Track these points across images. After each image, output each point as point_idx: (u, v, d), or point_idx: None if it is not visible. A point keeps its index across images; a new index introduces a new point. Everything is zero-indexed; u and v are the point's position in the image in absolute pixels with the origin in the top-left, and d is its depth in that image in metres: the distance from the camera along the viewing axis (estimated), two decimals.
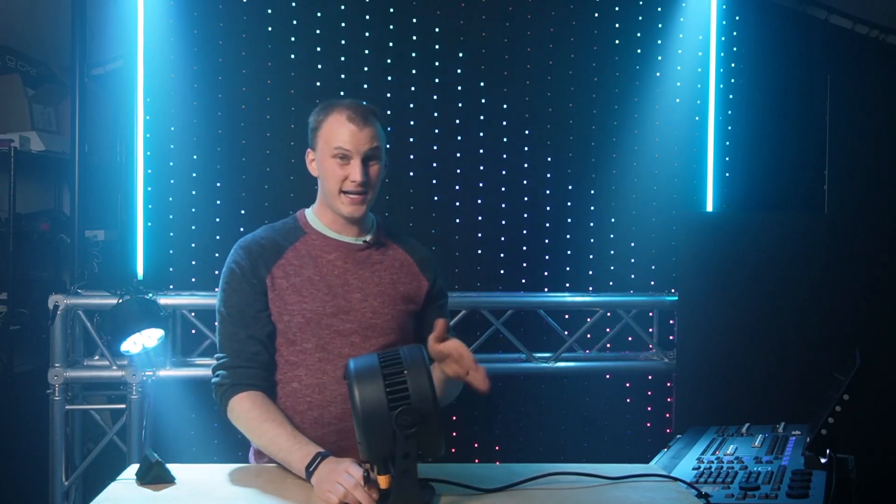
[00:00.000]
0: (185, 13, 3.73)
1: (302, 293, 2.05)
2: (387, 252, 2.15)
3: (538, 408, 3.98)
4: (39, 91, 3.89)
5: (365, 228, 2.13)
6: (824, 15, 4.15)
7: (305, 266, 2.07)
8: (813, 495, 1.93)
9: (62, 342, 3.43)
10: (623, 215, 4.01)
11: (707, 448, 2.49)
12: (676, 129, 4.00)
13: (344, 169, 2.03)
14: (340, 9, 3.84)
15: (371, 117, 2.05)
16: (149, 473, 1.83)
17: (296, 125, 3.80)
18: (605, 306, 3.76)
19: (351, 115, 2.03)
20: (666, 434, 3.54)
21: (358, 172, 2.01)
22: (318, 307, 2.04)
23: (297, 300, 2.04)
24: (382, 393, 1.62)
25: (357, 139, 2.02)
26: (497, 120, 3.91)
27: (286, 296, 2.05)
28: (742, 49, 4.01)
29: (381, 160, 2.07)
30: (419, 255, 2.19)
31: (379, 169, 2.06)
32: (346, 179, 2.03)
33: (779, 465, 2.18)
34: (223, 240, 3.78)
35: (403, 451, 1.62)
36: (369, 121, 2.04)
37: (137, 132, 3.69)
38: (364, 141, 2.02)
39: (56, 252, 3.92)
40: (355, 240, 2.11)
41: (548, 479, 1.84)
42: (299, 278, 2.06)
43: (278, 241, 2.09)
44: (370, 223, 2.15)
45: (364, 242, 2.11)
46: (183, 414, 3.72)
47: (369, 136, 2.03)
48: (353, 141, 2.02)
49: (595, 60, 3.98)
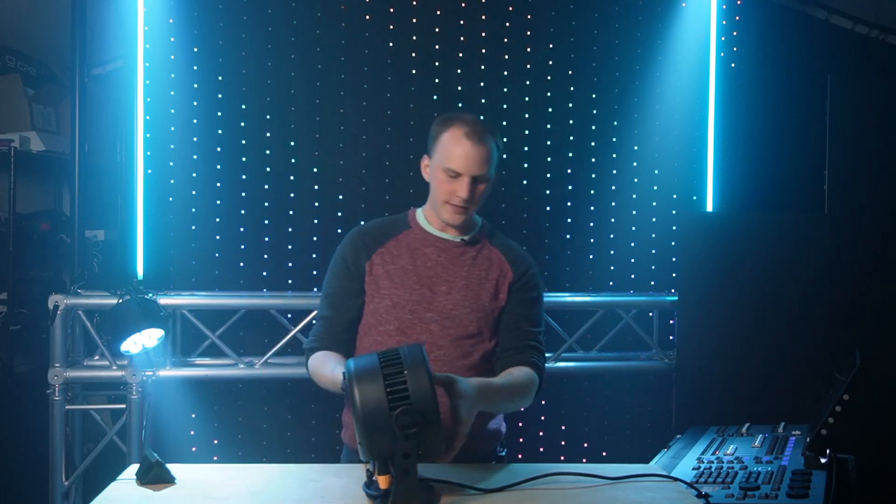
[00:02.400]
0: (185, 13, 3.73)
1: (394, 279, 2.21)
2: (482, 251, 2.28)
3: (538, 408, 3.98)
4: (39, 91, 3.89)
5: (467, 230, 2.27)
6: (824, 15, 4.16)
7: (402, 256, 2.24)
8: (813, 495, 1.93)
9: (62, 342, 3.43)
10: (623, 215, 4.01)
11: (707, 448, 2.49)
12: (676, 129, 4.01)
13: (452, 184, 2.16)
14: (340, 9, 3.85)
15: (487, 136, 2.16)
16: (149, 473, 1.83)
17: (295, 125, 3.80)
18: (605, 306, 3.76)
19: (468, 132, 2.15)
20: (666, 434, 3.53)
21: (465, 190, 2.15)
22: (405, 293, 2.20)
23: (389, 285, 2.21)
24: (382, 393, 1.62)
25: (469, 161, 2.14)
26: (497, 120, 3.91)
27: (380, 280, 2.22)
28: (742, 49, 4.01)
29: (489, 180, 2.19)
30: (512, 254, 2.30)
31: (486, 187, 2.19)
32: (454, 194, 2.16)
33: (779, 465, 2.18)
34: (223, 240, 3.79)
35: (403, 451, 1.62)
36: (485, 140, 2.15)
37: (137, 132, 3.69)
38: (475, 163, 2.14)
39: (56, 252, 3.92)
40: (453, 237, 2.26)
41: (548, 479, 1.84)
42: (395, 266, 2.23)
43: (385, 231, 2.29)
44: (474, 225, 2.30)
45: (462, 241, 2.26)
46: (183, 414, 3.73)
47: (482, 158, 2.14)
48: (466, 163, 2.14)
49: (595, 60, 3.99)
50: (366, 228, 2.31)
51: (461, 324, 2.19)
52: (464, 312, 2.19)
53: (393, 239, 2.27)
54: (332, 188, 3.81)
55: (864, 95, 3.54)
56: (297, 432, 3.82)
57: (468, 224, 2.26)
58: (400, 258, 2.24)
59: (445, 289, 2.21)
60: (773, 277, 3.50)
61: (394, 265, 2.23)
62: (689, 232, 3.59)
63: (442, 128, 2.19)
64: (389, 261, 2.24)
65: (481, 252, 2.27)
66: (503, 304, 2.24)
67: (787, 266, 3.50)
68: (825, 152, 3.51)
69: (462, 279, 2.22)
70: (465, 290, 2.21)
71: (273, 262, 3.80)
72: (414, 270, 2.22)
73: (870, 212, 3.49)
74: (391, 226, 2.31)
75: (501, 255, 2.28)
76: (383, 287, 2.21)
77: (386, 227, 2.30)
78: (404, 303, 2.19)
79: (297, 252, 3.81)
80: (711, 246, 3.55)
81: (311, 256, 3.81)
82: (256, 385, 3.77)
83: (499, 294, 2.24)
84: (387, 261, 2.24)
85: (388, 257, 2.24)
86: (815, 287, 3.48)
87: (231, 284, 3.77)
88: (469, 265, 2.24)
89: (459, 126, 2.16)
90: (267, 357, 3.57)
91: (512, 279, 2.25)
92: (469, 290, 2.21)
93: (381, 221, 2.34)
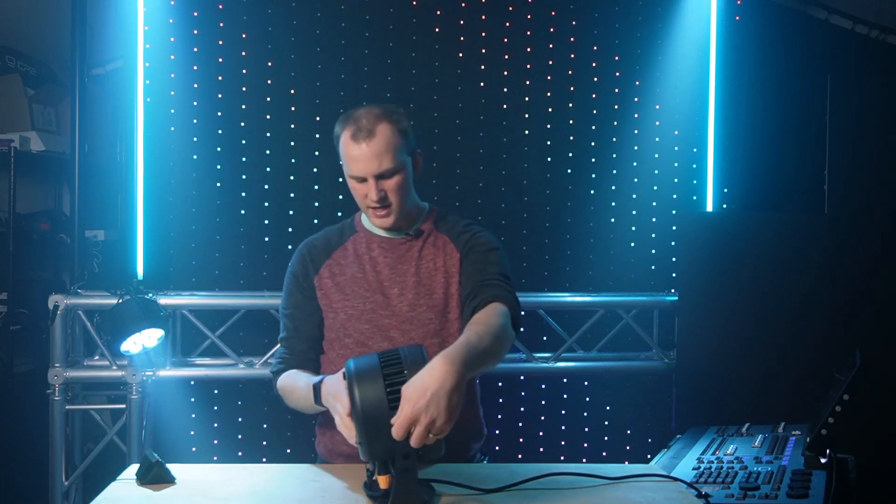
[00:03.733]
0: (185, 13, 3.73)
1: (345, 291, 2.13)
2: (429, 240, 2.16)
3: (538, 408, 3.98)
4: (39, 91, 3.89)
5: (410, 223, 2.16)
6: (824, 15, 4.15)
7: (350, 265, 2.15)
8: (813, 495, 1.93)
9: (62, 342, 3.43)
10: (623, 215, 4.00)
11: (707, 448, 2.49)
12: (676, 129, 4.00)
13: (362, 188, 2.07)
14: (340, 9, 3.84)
15: (378, 127, 2.03)
16: (149, 473, 1.83)
17: (296, 125, 3.80)
18: (605, 306, 3.76)
19: (354, 131, 2.03)
20: (666, 434, 3.54)
21: (374, 192, 2.04)
22: (359, 304, 2.11)
23: (341, 298, 2.13)
24: (382, 393, 1.62)
25: (365, 161, 2.02)
26: (497, 120, 3.91)
27: (331, 294, 2.14)
28: (742, 49, 4.01)
29: (398, 172, 2.05)
30: (455, 231, 2.17)
31: (398, 180, 2.05)
32: (367, 198, 2.06)
33: (779, 465, 2.18)
34: (223, 240, 3.79)
35: (403, 452, 1.62)
36: (375, 133, 2.02)
37: (137, 132, 3.69)
38: (372, 160, 2.02)
39: (56, 252, 3.92)
40: (397, 234, 2.16)
41: (548, 479, 1.84)
42: (343, 277, 2.14)
43: (331, 241, 2.19)
44: (418, 215, 2.18)
45: (406, 236, 2.15)
46: (183, 414, 3.73)
47: (375, 154, 2.01)
48: (363, 165, 2.02)
49: (595, 60, 3.98)
50: (312, 241, 2.22)
51: (420, 324, 2.09)
52: (420, 311, 2.09)
53: (340, 248, 2.18)
54: (331, 188, 3.80)
55: (864, 95, 3.53)
56: (297, 432, 3.82)
57: (405, 220, 2.13)
58: (348, 267, 2.14)
59: (398, 291, 2.11)
60: (773, 277, 3.50)
61: (343, 276, 2.14)
62: (689, 232, 3.59)
63: (337, 132, 2.09)
64: (338, 272, 2.15)
65: (427, 242, 2.15)
66: (458, 286, 2.10)
67: (787, 266, 3.50)
68: (825, 152, 3.51)
69: (412, 276, 2.11)
70: (417, 287, 2.10)
71: (273, 262, 3.79)
72: (363, 278, 2.13)
73: (870, 212, 3.49)
74: (338, 234, 2.21)
75: (446, 236, 2.15)
76: (335, 301, 2.13)
77: (332, 237, 2.21)
78: (359, 314, 2.10)
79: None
80: (711, 246, 3.55)
81: None
82: (256, 385, 3.77)
83: (451, 280, 2.11)
84: (335, 273, 2.15)
85: (335, 269, 2.15)
86: (815, 287, 3.48)
87: (231, 284, 3.77)
88: (416, 260, 2.13)
89: (348, 127, 2.05)
90: (267, 357, 3.57)
91: (459, 256, 2.11)
92: (421, 287, 2.10)
93: (327, 231, 2.24)
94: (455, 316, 2.12)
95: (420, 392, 1.58)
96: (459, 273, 2.11)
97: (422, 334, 2.08)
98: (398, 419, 1.58)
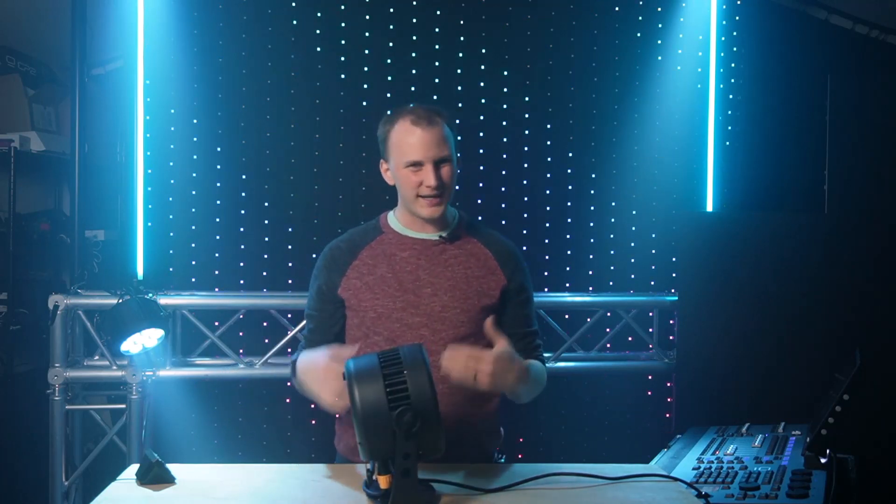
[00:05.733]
0: (185, 13, 3.73)
1: (375, 290, 2.15)
2: (463, 247, 2.21)
3: (538, 408, 3.98)
4: (39, 91, 3.89)
5: (445, 225, 2.20)
6: (824, 15, 4.16)
7: (379, 264, 2.17)
8: (813, 495, 1.94)
9: (62, 342, 3.43)
10: (623, 215, 4.01)
11: (707, 448, 2.49)
12: (676, 129, 4.00)
13: (418, 175, 2.10)
14: (340, 9, 3.84)
15: (435, 118, 2.11)
16: (149, 473, 1.83)
17: (295, 125, 3.80)
18: (605, 306, 3.76)
19: (415, 119, 2.10)
20: (666, 434, 3.54)
21: (432, 177, 2.08)
22: (389, 303, 2.14)
23: (370, 297, 2.15)
24: (382, 393, 1.62)
25: (426, 146, 2.08)
26: (497, 120, 3.91)
27: (360, 294, 2.16)
28: (742, 49, 4.01)
29: (452, 160, 2.13)
30: (497, 248, 2.23)
31: (451, 169, 2.13)
32: (422, 185, 2.10)
33: (779, 465, 2.18)
34: (223, 240, 3.79)
35: (404, 452, 1.62)
36: (434, 122, 2.10)
37: (137, 132, 3.69)
38: (432, 146, 2.09)
39: (56, 252, 3.92)
40: (431, 236, 2.18)
41: (548, 479, 1.84)
42: (373, 277, 2.16)
43: (356, 242, 2.22)
44: (451, 219, 2.22)
45: (440, 238, 2.18)
46: (183, 414, 3.73)
47: (437, 140, 2.09)
48: (423, 149, 2.08)
49: (595, 60, 3.98)
50: (336, 244, 2.24)
51: (452, 325, 2.13)
52: (453, 313, 2.13)
53: (366, 248, 2.19)
54: (332, 188, 3.81)
55: (864, 95, 3.53)
56: (297, 432, 3.82)
57: (446, 218, 2.18)
58: (377, 267, 2.17)
59: (431, 291, 2.14)
60: (773, 277, 3.50)
61: (372, 276, 2.16)
62: (689, 232, 3.59)
63: (389, 126, 2.15)
64: (367, 272, 2.17)
65: (463, 248, 2.20)
66: (494, 302, 2.17)
67: (787, 266, 3.50)
68: (825, 152, 3.51)
69: (447, 279, 2.15)
70: (453, 290, 2.14)
71: (273, 262, 3.80)
72: (394, 277, 2.15)
73: (870, 212, 3.49)
74: (362, 235, 2.23)
75: (485, 248, 2.21)
76: (365, 300, 2.15)
77: (357, 238, 2.23)
78: (389, 312, 2.13)
79: (297, 252, 3.81)
80: (711, 246, 3.55)
81: (311, 256, 3.77)
82: (256, 385, 3.77)
83: (490, 292, 2.17)
84: (364, 273, 2.17)
85: (363, 269, 2.17)
86: (815, 287, 3.48)
87: (231, 284, 3.77)
88: (452, 263, 2.17)
89: (405, 117, 2.12)
90: (267, 357, 3.57)
91: (505, 284, 2.19)
92: (457, 290, 2.15)
93: (351, 233, 2.26)
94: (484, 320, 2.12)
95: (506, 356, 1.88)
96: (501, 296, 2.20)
97: (452, 336, 2.12)
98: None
